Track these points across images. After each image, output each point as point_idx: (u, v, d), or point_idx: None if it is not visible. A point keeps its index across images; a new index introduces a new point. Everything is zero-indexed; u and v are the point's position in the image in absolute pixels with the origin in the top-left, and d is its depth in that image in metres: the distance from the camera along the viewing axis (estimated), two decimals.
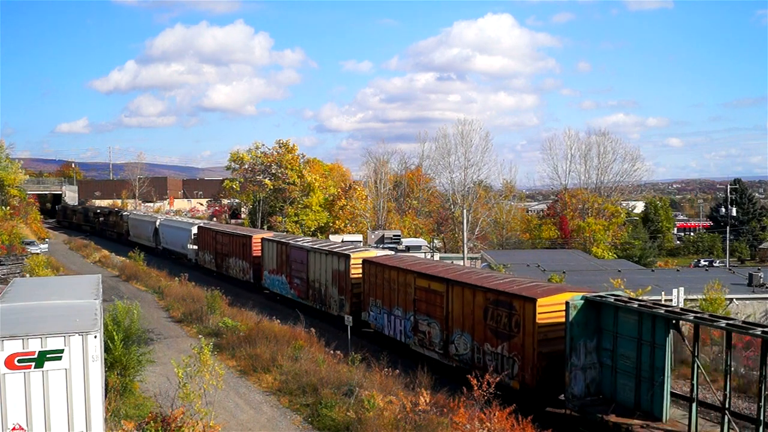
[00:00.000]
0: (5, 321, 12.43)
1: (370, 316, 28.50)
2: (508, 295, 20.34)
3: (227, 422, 16.62)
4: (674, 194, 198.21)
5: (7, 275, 37.86)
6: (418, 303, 25.00)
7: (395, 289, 26.46)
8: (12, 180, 71.53)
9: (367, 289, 28.78)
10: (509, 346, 20.16)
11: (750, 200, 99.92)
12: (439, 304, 23.63)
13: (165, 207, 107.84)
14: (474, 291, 21.87)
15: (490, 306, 21.06)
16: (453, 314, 22.86)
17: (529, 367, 19.36)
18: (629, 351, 17.37)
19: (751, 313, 33.00)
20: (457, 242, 66.26)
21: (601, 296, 18.55)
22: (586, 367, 18.26)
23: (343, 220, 70.97)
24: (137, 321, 20.19)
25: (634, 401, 17.20)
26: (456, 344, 22.74)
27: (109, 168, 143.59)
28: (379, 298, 27.73)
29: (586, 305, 18.23)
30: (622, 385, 17.64)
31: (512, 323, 20.03)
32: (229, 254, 44.77)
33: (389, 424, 15.46)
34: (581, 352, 18.16)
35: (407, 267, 26.08)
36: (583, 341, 18.19)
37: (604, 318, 18.17)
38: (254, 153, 79.14)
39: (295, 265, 35.28)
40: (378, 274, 27.77)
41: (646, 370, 16.94)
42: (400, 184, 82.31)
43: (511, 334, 20.11)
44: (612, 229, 69.44)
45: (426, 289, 24.45)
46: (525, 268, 41.50)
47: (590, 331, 18.27)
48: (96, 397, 11.96)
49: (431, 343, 24.06)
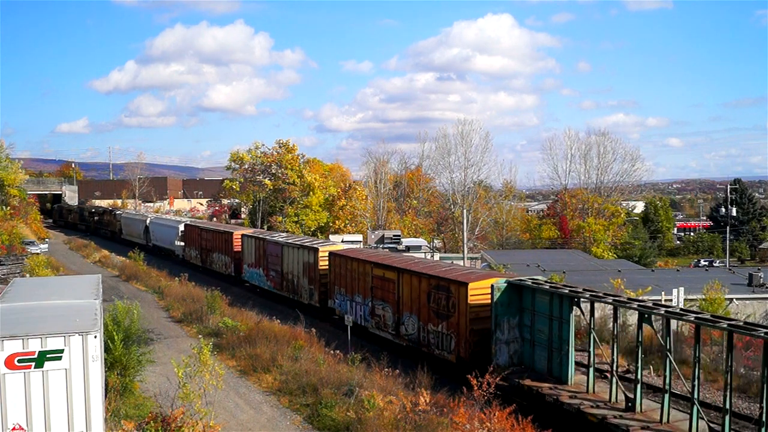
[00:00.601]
0: (5, 321, 12.43)
1: (335, 303, 31.14)
2: (446, 280, 23.11)
3: (227, 422, 16.62)
4: (674, 194, 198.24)
5: (7, 275, 37.86)
6: (374, 290, 27.62)
7: (356, 278, 29.22)
8: (12, 180, 71.52)
9: (332, 278, 31.42)
10: (447, 324, 22.99)
11: (750, 200, 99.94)
12: (391, 290, 26.34)
13: (165, 207, 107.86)
14: (420, 278, 24.60)
15: (432, 290, 23.79)
16: (403, 299, 25.64)
17: (464, 342, 22.17)
18: (543, 326, 20.08)
19: (751, 313, 33.01)
20: (457, 242, 66.26)
21: (521, 280, 21.46)
22: (509, 341, 21.15)
23: (343, 220, 70.96)
24: (137, 321, 20.19)
25: (547, 369, 19.87)
26: (406, 325, 25.47)
27: (109, 168, 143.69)
28: (343, 287, 30.36)
29: (509, 288, 21.10)
30: (539, 355, 20.33)
31: (450, 305, 22.86)
32: (212, 250, 47.52)
33: (389, 424, 15.46)
34: (505, 328, 21.08)
35: (366, 258, 28.97)
36: (506, 319, 21.07)
37: (524, 299, 20.95)
38: (254, 153, 79.14)
39: (271, 258, 37.84)
40: (342, 265, 30.42)
41: (555, 341, 19.61)
42: (400, 184, 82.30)
43: (449, 315, 22.90)
44: (612, 229, 69.44)
45: (381, 277, 27.12)
46: (525, 268, 41.49)
47: (513, 310, 21.10)
48: (96, 397, 11.96)
49: (386, 325, 26.71)
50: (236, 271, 43.61)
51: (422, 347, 24.16)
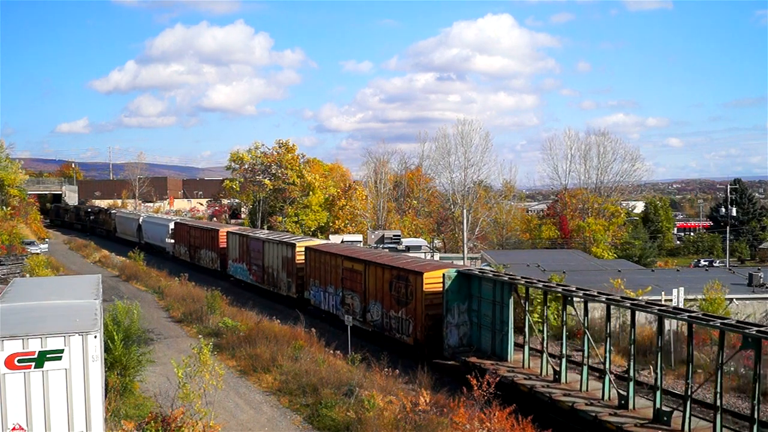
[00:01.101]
0: (5, 321, 12.43)
1: (310, 294, 33.58)
2: (405, 271, 25.66)
3: (227, 422, 16.62)
4: (674, 194, 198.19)
5: (7, 275, 37.86)
6: (344, 281, 30.13)
7: (329, 271, 31.68)
8: (12, 180, 71.50)
9: (308, 271, 33.96)
10: (406, 310, 25.44)
11: (750, 200, 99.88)
12: (359, 281, 28.91)
13: (165, 207, 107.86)
14: (383, 269, 27.16)
15: (393, 280, 26.28)
16: (369, 288, 28.19)
17: (420, 326, 24.61)
18: (488, 310, 22.58)
19: (751, 313, 32.98)
20: (457, 242, 66.27)
21: (470, 270, 24.63)
22: (459, 324, 23.69)
23: (343, 220, 70.94)
24: (137, 321, 20.21)
25: (491, 348, 22.43)
26: (371, 312, 27.99)
27: (109, 168, 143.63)
28: (317, 279, 32.85)
29: (459, 277, 23.66)
30: (484, 336, 22.88)
31: (408, 293, 25.31)
32: (200, 246, 50.10)
33: (389, 424, 15.46)
34: (455, 312, 23.62)
35: (337, 252, 31.65)
36: (456, 304, 23.62)
37: (472, 286, 23.49)
38: (254, 153, 79.11)
39: (253, 254, 40.30)
40: (316, 258, 33.03)
41: (498, 324, 22.15)
42: (400, 184, 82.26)
43: (407, 301, 25.35)
44: (612, 229, 69.37)
45: (350, 269, 29.66)
46: (525, 268, 41.44)
47: (462, 296, 23.62)
48: (96, 397, 11.97)
49: (354, 312, 28.86)
50: (222, 267, 45.72)
51: (385, 332, 26.74)
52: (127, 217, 71.85)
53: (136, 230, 66.51)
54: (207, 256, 48.77)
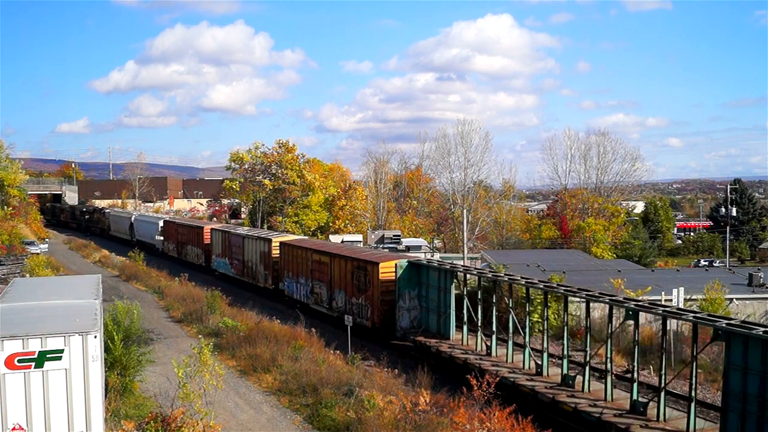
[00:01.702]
0: (5, 321, 12.43)
1: (285, 285, 36.71)
2: (364, 261, 28.79)
3: (227, 422, 16.62)
4: (674, 194, 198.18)
5: (7, 275, 37.87)
6: (313, 272, 33.18)
7: (300, 264, 34.72)
8: (12, 180, 71.49)
9: (282, 264, 37.02)
10: (365, 297, 28.47)
11: (750, 200, 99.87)
12: (326, 272, 31.81)
13: (165, 207, 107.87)
14: (346, 260, 30.19)
15: (355, 270, 29.24)
16: (334, 278, 31.13)
17: (376, 310, 27.55)
18: (434, 295, 25.56)
19: (752, 313, 32.98)
20: (457, 242, 66.22)
21: (419, 260, 27.98)
22: (410, 308, 26.78)
23: (343, 220, 70.92)
24: (137, 321, 20.21)
25: (437, 328, 25.46)
26: (336, 300, 30.95)
27: (109, 168, 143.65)
28: (290, 271, 35.94)
29: (410, 266, 26.89)
30: (431, 318, 25.91)
31: (366, 281, 28.22)
32: (187, 243, 53.20)
33: (389, 424, 15.46)
34: (407, 298, 26.73)
35: (307, 246, 35.18)
36: (407, 291, 26.75)
37: (422, 274, 26.61)
38: (254, 153, 79.10)
39: (234, 249, 43.39)
40: (290, 252, 36.19)
41: (442, 307, 25.12)
42: (400, 184, 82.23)
43: (366, 289, 28.36)
44: (612, 229, 69.37)
45: (318, 261, 32.66)
46: (525, 268, 41.42)
47: (413, 284, 26.75)
48: (96, 397, 11.96)
49: (322, 300, 32.28)
50: (206, 261, 48.85)
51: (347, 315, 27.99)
52: (120, 216, 74.51)
53: (129, 228, 69.26)
54: (193, 252, 51.67)
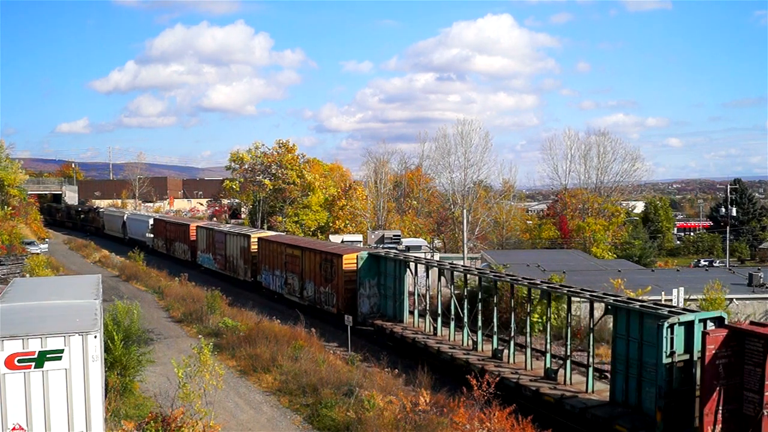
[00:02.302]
0: (5, 321, 12.43)
1: (262, 277, 39.63)
2: (330, 254, 31.91)
3: (227, 422, 16.62)
4: (674, 194, 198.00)
5: (7, 275, 37.86)
6: (287, 265, 36.15)
7: (275, 257, 37.68)
8: (12, 180, 71.49)
9: (260, 258, 40.07)
10: (331, 286, 31.46)
11: (750, 200, 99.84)
12: (298, 264, 34.86)
13: (165, 207, 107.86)
14: (315, 253, 33.33)
15: (322, 262, 32.27)
16: (305, 270, 34.11)
17: (341, 297, 30.59)
18: (391, 283, 28.65)
19: (752, 313, 32.99)
20: (457, 242, 66.20)
21: (378, 252, 31.23)
22: (370, 296, 29.82)
23: (343, 220, 70.91)
24: (137, 321, 20.20)
25: (393, 313, 28.58)
26: (306, 289, 33.97)
27: (109, 168, 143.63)
28: (267, 264, 38.85)
29: (370, 257, 29.89)
30: (389, 304, 28.94)
31: (332, 272, 31.26)
32: (175, 239, 56.47)
33: (389, 424, 15.46)
34: (367, 286, 29.76)
35: (281, 241, 38.37)
36: (368, 280, 29.75)
37: (381, 265, 29.55)
38: (254, 153, 79.07)
39: (217, 245, 46.45)
40: (266, 247, 39.20)
41: (397, 294, 28.17)
42: (400, 184, 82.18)
43: (332, 279, 31.30)
44: (612, 229, 69.34)
45: (291, 255, 35.69)
46: (525, 267, 41.43)
47: (373, 273, 29.75)
48: (96, 397, 11.96)
49: (294, 290, 35.30)
50: (192, 257, 51.97)
51: (317, 305, 32.71)
52: (114, 215, 77.34)
53: (122, 227, 71.96)
54: (180, 248, 54.94)
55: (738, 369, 14.82)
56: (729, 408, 14.80)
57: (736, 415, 14.82)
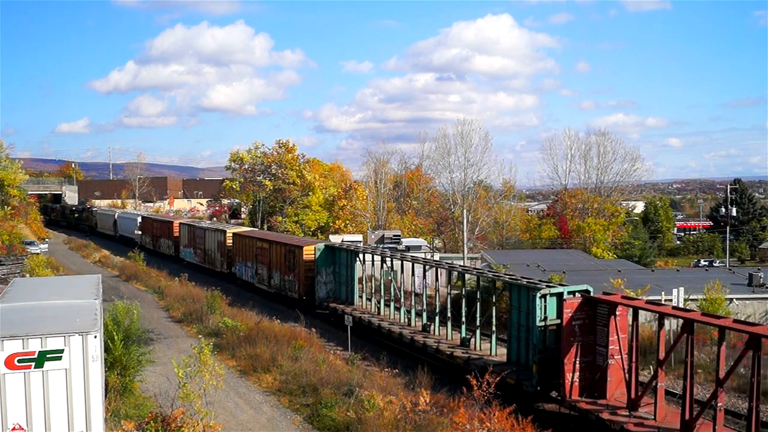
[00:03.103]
0: (5, 321, 12.43)
1: (236, 269, 43.80)
2: (293, 246, 36.12)
3: (227, 422, 16.62)
4: (674, 194, 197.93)
5: (7, 275, 37.88)
6: (257, 257, 40.18)
7: (248, 250, 41.68)
8: (12, 180, 71.50)
9: (235, 251, 44.26)
10: (294, 275, 35.44)
11: (750, 200, 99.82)
12: (266, 256, 38.90)
13: (165, 207, 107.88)
14: (280, 245, 37.46)
15: (287, 253, 36.31)
16: (272, 261, 38.07)
17: (302, 284, 34.66)
18: (344, 271, 32.65)
19: (752, 313, 33.00)
20: (457, 242, 66.18)
21: (333, 244, 35.79)
22: (327, 282, 33.83)
23: (344, 220, 70.90)
24: (137, 321, 20.21)
25: (345, 297, 32.49)
26: (274, 278, 37.96)
27: (109, 168, 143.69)
28: (241, 257, 43.06)
29: (326, 249, 34.27)
30: (342, 289, 32.93)
31: (295, 261, 35.27)
32: (160, 236, 60.39)
33: (389, 424, 15.46)
34: (324, 274, 33.85)
35: (252, 235, 42.82)
36: (324, 268, 33.82)
37: (336, 255, 33.60)
38: (254, 153, 79.07)
39: (198, 240, 50.70)
40: (240, 241, 43.47)
41: (349, 280, 32.14)
42: (400, 184, 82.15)
43: (294, 268, 35.33)
44: (612, 229, 69.34)
45: (261, 248, 39.75)
46: (525, 267, 41.45)
47: (329, 262, 33.79)
48: (96, 397, 11.96)
49: (263, 279, 39.30)
50: (176, 252, 55.82)
51: (282, 291, 36.88)
52: (105, 213, 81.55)
53: (113, 225, 75.75)
54: (165, 244, 58.76)
55: (591, 329, 18.75)
56: (584, 359, 18.73)
57: (590, 365, 18.76)
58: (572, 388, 18.55)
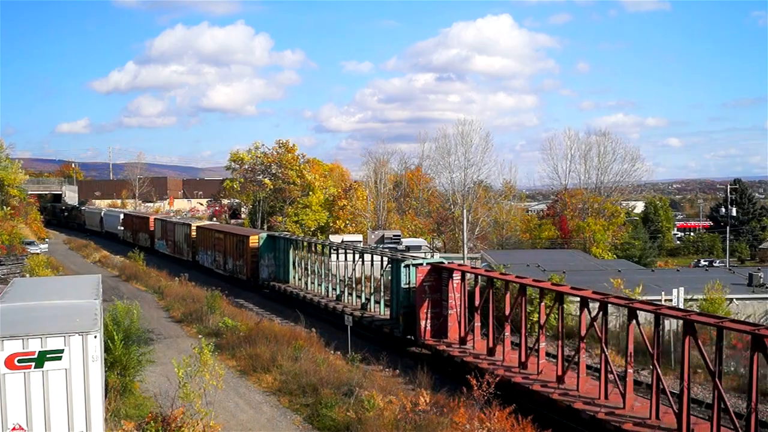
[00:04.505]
0: (5, 321, 12.43)
1: (199, 257, 50.96)
2: (241, 236, 42.92)
3: (227, 422, 16.62)
4: (674, 194, 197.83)
5: (7, 275, 37.91)
6: (215, 246, 47.25)
7: (208, 241, 48.79)
8: (12, 180, 71.52)
9: (198, 242, 51.40)
10: (243, 260, 42.26)
11: (750, 200, 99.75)
12: (222, 245, 45.95)
13: (165, 207, 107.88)
14: (233, 236, 44.22)
15: (237, 242, 43.07)
16: (227, 249, 45.04)
17: (249, 268, 41.43)
18: (282, 256, 39.21)
19: (752, 313, 32.96)
20: (457, 242, 66.16)
21: (274, 233, 43.00)
22: (268, 265, 40.15)
23: (344, 220, 70.89)
24: (137, 321, 20.21)
25: (283, 277, 38.92)
26: (228, 263, 45.02)
27: (110, 168, 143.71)
28: (203, 246, 50.20)
29: (268, 238, 40.73)
30: (281, 271, 39.24)
31: (243, 249, 41.96)
32: (139, 230, 67.32)
33: (389, 424, 15.46)
34: (266, 258, 40.18)
35: (212, 228, 50.57)
36: (266, 253, 40.18)
37: (276, 243, 40.13)
38: (254, 153, 79.11)
39: (169, 233, 58.04)
40: (202, 233, 50.87)
41: (286, 263, 38.67)
42: (400, 184, 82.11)
43: (243, 254, 42.14)
44: (612, 229, 69.30)
45: (218, 238, 46.85)
46: (525, 267, 41.43)
47: (270, 248, 40.15)
48: (96, 397, 11.96)
49: (220, 265, 46.46)
50: (151, 244, 62.43)
51: (234, 274, 43.72)
52: (93, 211, 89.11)
53: (99, 222, 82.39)
54: (143, 237, 65.41)
55: (438, 289, 25.46)
56: (433, 311, 25.29)
57: (437, 315, 25.36)
58: (425, 332, 25.23)
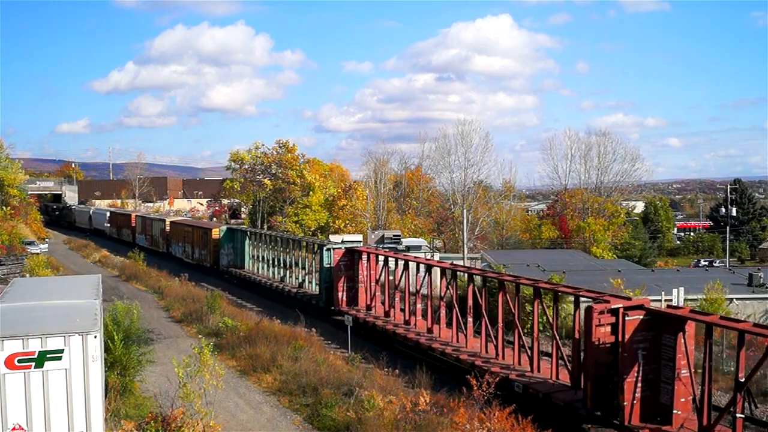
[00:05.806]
0: (5, 321, 12.43)
1: (172, 249, 56.35)
2: (205, 228, 49.52)
3: (227, 422, 16.62)
4: (674, 194, 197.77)
5: (7, 275, 37.88)
6: (185, 238, 53.15)
7: (180, 234, 54.68)
8: (12, 180, 71.50)
9: (172, 235, 57.26)
10: (207, 250, 48.22)
11: (750, 200, 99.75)
12: (190, 237, 51.97)
13: (165, 207, 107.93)
14: (199, 229, 50.81)
15: (202, 234, 49.28)
16: (194, 240, 50.95)
17: (211, 256, 47.64)
18: (239, 246, 44.85)
19: (751, 313, 32.97)
20: (457, 242, 66.13)
21: (233, 227, 50.30)
22: (228, 254, 45.81)
23: (344, 220, 70.85)
24: (137, 321, 20.21)
25: (241, 264, 44.51)
26: (194, 253, 50.95)
27: (110, 168, 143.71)
28: (175, 239, 56.02)
29: (228, 230, 47.38)
30: (239, 259, 44.79)
31: (207, 240, 48.10)
32: (122, 227, 73.48)
33: (389, 424, 15.46)
34: (226, 248, 45.87)
35: (183, 222, 57.04)
36: (226, 244, 45.98)
37: (234, 235, 46.03)
38: (254, 153, 79.02)
39: (147, 228, 64.20)
40: (175, 227, 56.85)
41: (242, 252, 44.31)
42: (400, 184, 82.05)
43: (207, 245, 48.06)
44: (612, 229, 69.29)
45: (188, 231, 52.86)
46: (525, 267, 41.44)
47: (229, 240, 45.92)
48: (96, 397, 11.96)
49: (189, 255, 52.14)
50: (133, 238, 67.77)
51: (200, 262, 49.52)
52: (82, 210, 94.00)
53: (88, 220, 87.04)
54: (125, 233, 71.24)
55: (351, 267, 31.21)
56: (348, 285, 31.06)
57: (351, 288, 31.16)
58: (342, 302, 30.86)
